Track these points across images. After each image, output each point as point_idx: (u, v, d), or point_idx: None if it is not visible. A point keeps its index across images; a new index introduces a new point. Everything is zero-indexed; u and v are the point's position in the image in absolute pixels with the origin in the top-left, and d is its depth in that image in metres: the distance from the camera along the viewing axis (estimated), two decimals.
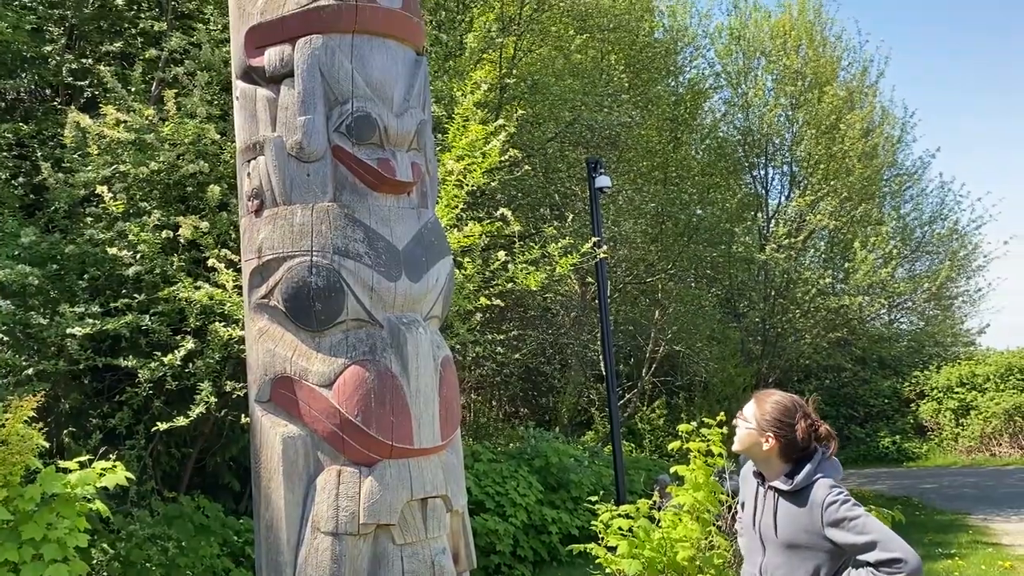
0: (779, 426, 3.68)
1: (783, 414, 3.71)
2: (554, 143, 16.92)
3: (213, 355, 7.56)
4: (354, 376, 4.25)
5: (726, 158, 24.04)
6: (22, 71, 9.53)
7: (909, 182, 27.57)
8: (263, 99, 4.62)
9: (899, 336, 28.94)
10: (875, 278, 23.38)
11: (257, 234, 4.52)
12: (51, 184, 7.95)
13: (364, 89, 4.54)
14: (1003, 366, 26.54)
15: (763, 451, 3.70)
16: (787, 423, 3.69)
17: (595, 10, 17.77)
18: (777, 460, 3.70)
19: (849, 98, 25.31)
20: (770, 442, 3.68)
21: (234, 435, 9.37)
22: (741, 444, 3.79)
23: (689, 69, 23.00)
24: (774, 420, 3.70)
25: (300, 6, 4.56)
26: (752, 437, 3.72)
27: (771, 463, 3.71)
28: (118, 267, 7.58)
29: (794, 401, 3.77)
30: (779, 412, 3.72)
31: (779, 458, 3.69)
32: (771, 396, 3.80)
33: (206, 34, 8.63)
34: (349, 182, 4.51)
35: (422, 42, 5.02)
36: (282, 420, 4.37)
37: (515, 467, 12.78)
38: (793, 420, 3.69)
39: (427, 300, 4.64)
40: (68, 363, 7.59)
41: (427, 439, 4.34)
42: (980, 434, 25.90)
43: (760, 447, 3.70)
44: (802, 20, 25.64)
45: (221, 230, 7.97)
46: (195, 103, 8.19)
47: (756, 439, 3.71)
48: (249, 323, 4.62)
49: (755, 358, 24.52)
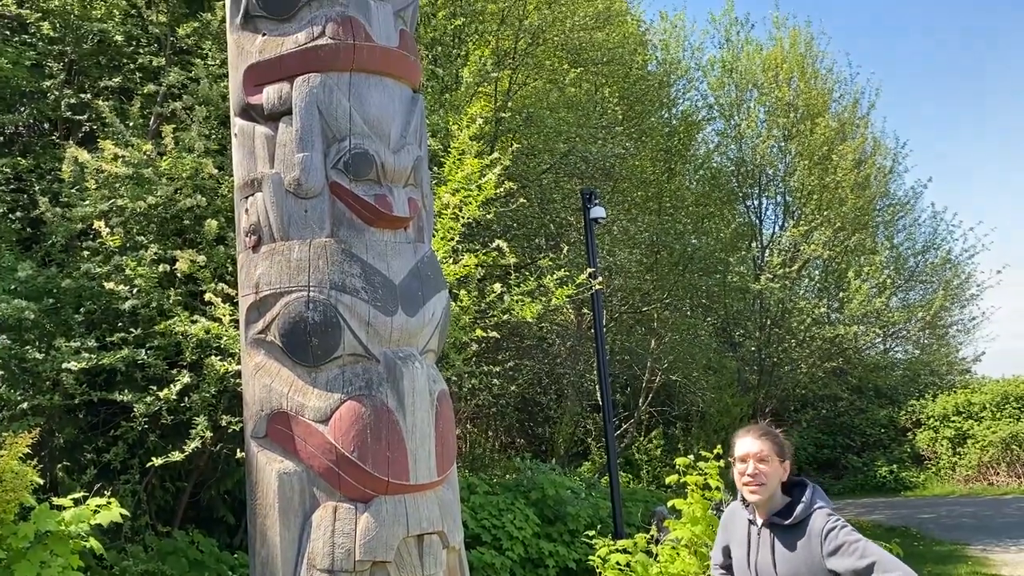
0: (790, 452, 3.71)
1: (783, 439, 3.75)
2: (549, 174, 17.05)
3: (209, 389, 7.55)
4: (350, 411, 4.25)
5: (720, 188, 24.21)
6: (21, 105, 9.60)
7: (902, 212, 27.78)
8: (261, 136, 4.67)
9: (895, 365, 28.96)
10: (869, 307, 23.46)
11: (254, 270, 4.54)
12: (48, 218, 7.98)
13: (361, 126, 4.60)
14: (999, 394, 26.53)
15: (779, 483, 3.69)
16: (789, 447, 3.73)
17: (589, 44, 17.99)
18: (779, 492, 3.70)
19: (841, 129, 25.56)
20: (787, 470, 3.68)
21: (229, 468, 9.31)
22: (772, 481, 3.67)
23: (682, 101, 23.25)
24: (787, 447, 3.71)
25: (298, 45, 4.63)
26: (777, 471, 3.68)
27: (775, 496, 3.70)
28: (114, 301, 7.59)
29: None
30: (782, 438, 3.75)
31: (779, 490, 3.70)
32: (766, 428, 3.82)
33: (204, 69, 8.72)
34: (346, 218, 4.55)
35: (418, 80, 5.09)
36: (278, 456, 4.37)
37: (511, 499, 12.71)
38: (788, 443, 3.75)
39: (423, 334, 4.66)
40: (63, 397, 7.56)
41: (423, 475, 4.33)
42: (977, 463, 25.82)
43: (779, 480, 3.69)
44: (793, 53, 25.97)
45: (218, 263, 7.99)
46: (193, 138, 8.25)
47: (780, 472, 3.68)
48: (246, 358, 4.63)
49: (751, 388, 24.50)
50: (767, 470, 3.66)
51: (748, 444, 3.73)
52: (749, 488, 3.69)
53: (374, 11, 4.75)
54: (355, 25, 4.64)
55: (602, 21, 18.26)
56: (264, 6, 4.70)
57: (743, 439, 3.77)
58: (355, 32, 4.63)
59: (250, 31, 4.79)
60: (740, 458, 3.73)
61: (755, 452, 3.68)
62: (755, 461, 3.67)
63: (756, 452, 3.68)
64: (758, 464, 3.66)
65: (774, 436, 3.73)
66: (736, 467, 3.77)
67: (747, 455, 3.70)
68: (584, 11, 17.58)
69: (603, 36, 18.42)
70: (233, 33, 4.90)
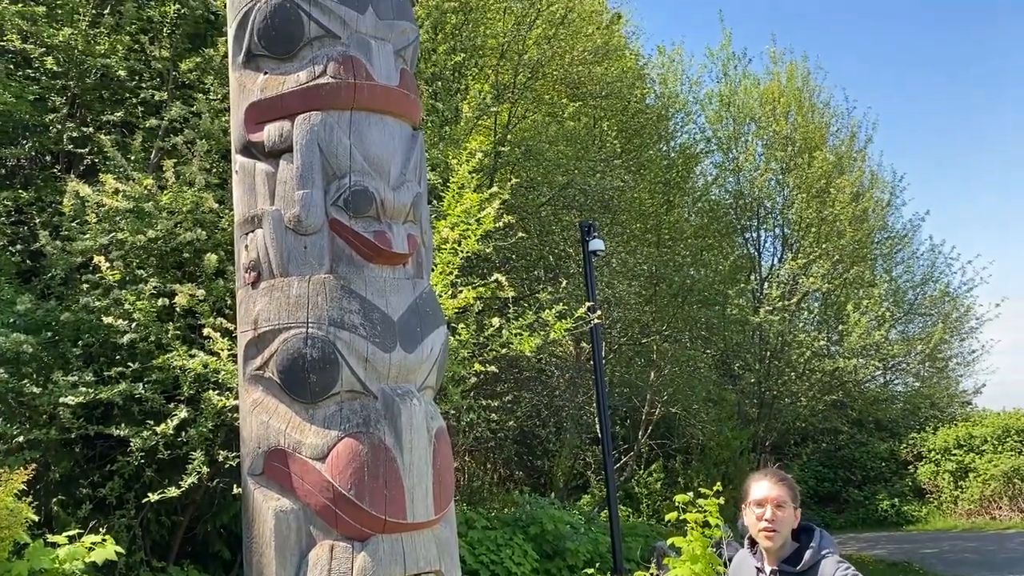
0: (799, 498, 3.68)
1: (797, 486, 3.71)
2: (548, 206, 17.12)
3: (206, 424, 7.51)
4: (347, 449, 4.24)
5: (718, 221, 24.29)
6: (23, 139, 9.65)
7: (900, 245, 27.84)
8: (262, 173, 4.71)
9: (895, 398, 28.85)
10: (869, 340, 23.44)
11: (253, 306, 4.55)
12: (49, 251, 7.99)
13: (362, 164, 4.63)
14: (1000, 427, 26.40)
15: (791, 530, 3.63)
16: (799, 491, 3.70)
17: (588, 78, 18.15)
18: (789, 539, 3.65)
19: (839, 163, 25.71)
20: (798, 517, 3.64)
21: (226, 502, 9.22)
22: (786, 527, 3.61)
23: (680, 134, 23.39)
24: (799, 493, 3.67)
25: (300, 84, 4.68)
26: (791, 518, 3.62)
27: (786, 543, 3.63)
28: (113, 335, 7.57)
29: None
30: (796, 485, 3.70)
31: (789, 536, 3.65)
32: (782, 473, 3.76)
33: (206, 104, 8.78)
34: (346, 254, 4.57)
35: (418, 117, 5.14)
36: (275, 493, 4.35)
37: (510, 534, 12.60)
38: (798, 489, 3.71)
39: (422, 370, 4.66)
40: (60, 431, 7.52)
41: (420, 513, 4.31)
42: (979, 497, 25.63)
43: (792, 527, 3.63)
44: (791, 87, 26.20)
45: (217, 297, 7.99)
46: (194, 172, 8.29)
47: (793, 519, 3.63)
48: (244, 394, 4.62)
49: (752, 421, 24.39)
50: (783, 516, 3.60)
51: (766, 489, 3.65)
52: (765, 533, 3.61)
53: (375, 50, 4.81)
54: (356, 64, 4.69)
55: (601, 55, 18.44)
56: (266, 46, 4.77)
57: (761, 483, 3.70)
58: (356, 71, 4.68)
59: (252, 70, 4.85)
60: (758, 502, 3.65)
61: (774, 497, 3.62)
62: (773, 506, 3.61)
63: (775, 497, 3.62)
64: (776, 509, 3.60)
65: (790, 482, 3.68)
66: (752, 511, 3.68)
67: (766, 499, 3.63)
68: (583, 46, 17.78)
69: (602, 70, 18.60)
70: (235, 71, 4.96)
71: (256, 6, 4.78)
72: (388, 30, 4.93)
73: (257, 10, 4.77)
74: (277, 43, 4.74)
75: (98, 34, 9.05)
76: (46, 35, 8.73)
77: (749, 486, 3.75)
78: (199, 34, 9.89)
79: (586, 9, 18.41)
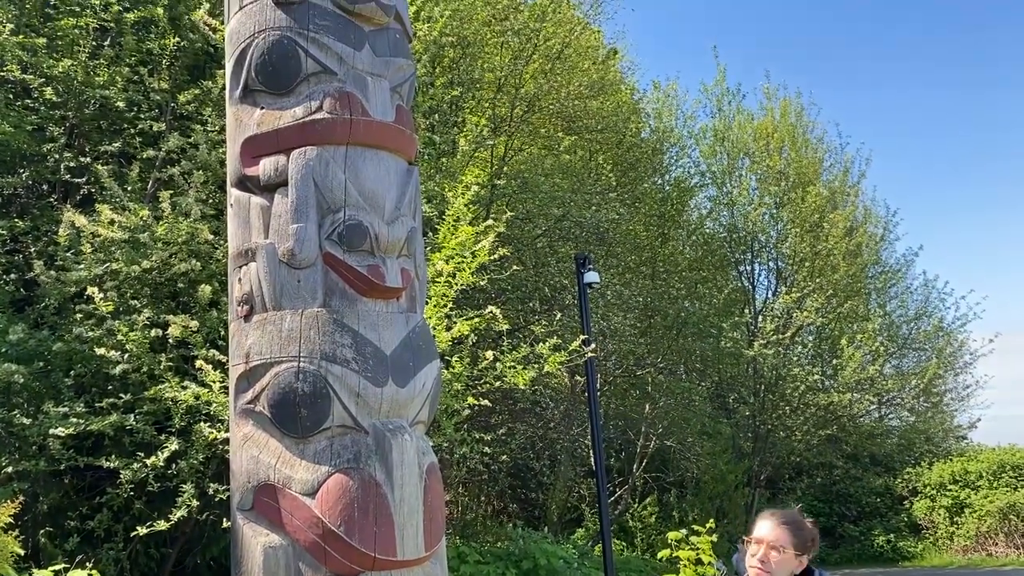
0: (811, 546, 3.55)
1: (809, 533, 3.57)
2: (544, 238, 17.18)
3: (197, 456, 7.47)
4: (337, 485, 4.21)
5: (713, 254, 24.38)
6: (21, 168, 9.69)
7: (893, 280, 27.93)
8: (257, 207, 4.72)
9: (889, 432, 28.77)
10: (863, 375, 23.43)
11: (245, 339, 4.54)
12: (43, 281, 8.00)
13: (357, 198, 4.65)
14: (995, 463, 26.32)
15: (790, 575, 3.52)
16: (813, 540, 3.57)
17: (583, 112, 18.32)
18: None
19: (832, 198, 25.88)
20: (802, 564, 3.53)
21: (215, 535, 9.15)
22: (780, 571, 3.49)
23: (675, 168, 23.57)
24: (810, 541, 3.55)
25: (296, 119, 4.71)
26: (789, 563, 3.51)
27: None
28: (105, 365, 7.55)
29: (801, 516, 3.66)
30: (805, 531, 3.57)
31: None
32: (794, 516, 3.64)
33: (203, 135, 8.84)
34: (339, 288, 4.57)
35: (414, 153, 5.17)
36: (264, 529, 4.31)
37: (502, 569, 12.46)
38: (813, 536, 3.58)
39: (413, 405, 4.64)
40: (49, 462, 7.47)
41: (411, 550, 4.27)
42: (975, 533, 25.48)
43: (790, 572, 3.52)
44: (784, 123, 26.43)
45: (211, 328, 7.98)
46: (190, 203, 8.33)
47: (792, 565, 3.52)
48: (234, 428, 4.59)
49: (746, 455, 24.29)
50: (778, 559, 3.50)
51: (765, 529, 3.58)
52: (754, 572, 3.54)
53: (371, 87, 4.85)
54: (352, 100, 4.73)
55: (597, 90, 18.63)
56: (263, 81, 4.80)
57: (763, 521, 3.62)
58: (352, 107, 4.71)
59: (249, 104, 4.87)
60: (755, 540, 3.58)
61: (770, 539, 3.53)
62: (767, 547, 3.53)
63: (772, 539, 3.53)
64: (770, 551, 3.51)
65: (797, 527, 3.56)
66: (749, 547, 3.61)
67: (762, 540, 3.55)
68: (579, 80, 17.96)
69: (598, 104, 18.78)
70: (232, 106, 4.99)
71: (254, 42, 4.82)
72: (385, 67, 4.97)
73: (255, 46, 4.81)
74: (274, 79, 4.78)
75: (98, 65, 9.13)
76: (46, 66, 8.80)
77: (755, 522, 3.69)
78: (198, 66, 9.98)
79: (582, 45, 18.63)
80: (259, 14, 4.85)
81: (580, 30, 18.25)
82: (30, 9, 9.19)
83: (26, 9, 9.14)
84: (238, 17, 4.95)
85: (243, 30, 4.89)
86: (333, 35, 4.80)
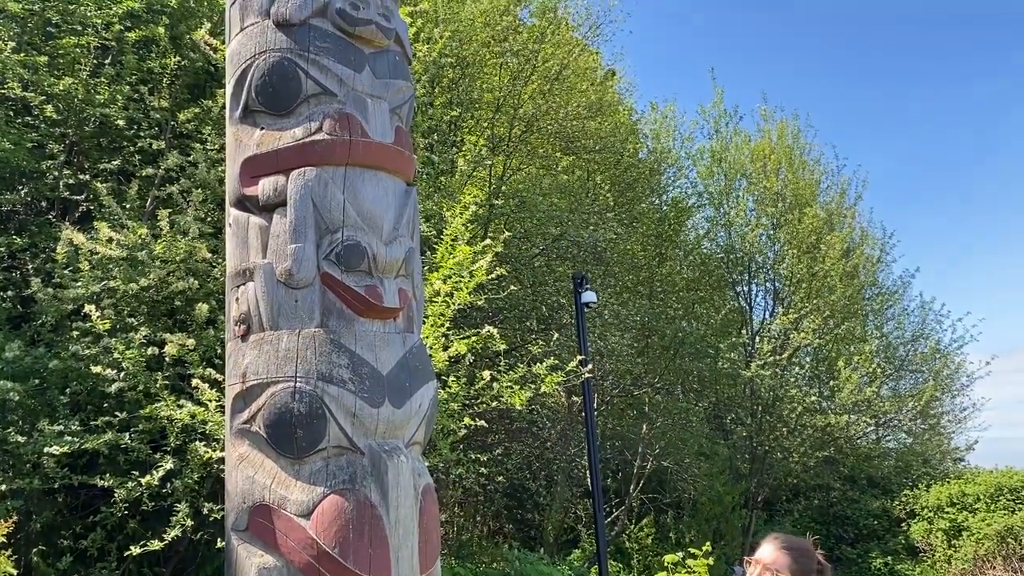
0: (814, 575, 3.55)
1: (813, 561, 3.55)
2: (541, 258, 17.22)
3: (192, 475, 7.44)
4: (332, 506, 4.19)
5: (710, 274, 24.43)
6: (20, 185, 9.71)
7: (890, 301, 27.97)
8: (255, 227, 4.73)
9: (887, 454, 28.71)
10: (860, 396, 23.41)
11: (242, 359, 4.54)
12: (40, 298, 7.99)
13: (355, 219, 4.67)
14: (993, 486, 26.24)
15: None
16: (820, 572, 3.55)
17: (582, 132, 18.42)
18: None
19: (829, 219, 25.95)
20: None
21: (210, 555, 9.09)
22: None
23: (672, 188, 23.67)
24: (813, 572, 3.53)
25: (296, 140, 4.73)
26: None
27: None
28: (101, 383, 7.53)
29: (810, 545, 3.64)
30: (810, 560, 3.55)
31: None
32: (797, 543, 3.64)
33: (203, 153, 8.87)
34: (336, 308, 4.58)
35: (412, 174, 5.20)
36: (258, 550, 4.29)
37: None
38: (819, 567, 3.56)
39: (410, 426, 4.63)
40: (43, 481, 7.43)
41: (406, 572, 4.25)
42: (973, 556, 25.35)
43: None
44: (781, 144, 26.56)
45: (207, 346, 7.97)
46: (188, 221, 8.34)
47: None
48: (230, 448, 4.58)
49: (743, 476, 24.20)
50: None
51: (766, 551, 3.59)
52: None
53: (371, 108, 4.88)
54: (352, 121, 4.76)
55: (595, 111, 18.75)
56: (263, 102, 4.83)
57: (766, 544, 3.64)
58: (351, 128, 4.74)
59: (249, 125, 4.90)
60: (754, 560, 3.59)
61: (767, 561, 3.54)
62: (763, 568, 3.53)
63: (768, 562, 3.54)
64: (764, 573, 3.52)
65: (800, 554, 3.56)
66: (748, 568, 3.62)
67: (758, 561, 3.56)
68: (577, 101, 18.08)
69: (596, 125, 18.88)
70: (232, 126, 5.02)
71: (255, 63, 4.86)
72: (384, 88, 5.01)
73: (256, 67, 4.85)
74: (274, 99, 4.81)
75: (98, 84, 9.17)
76: (47, 84, 8.84)
77: (759, 541, 3.70)
78: (198, 85, 10.03)
79: (581, 66, 18.76)
80: (260, 35, 4.90)
81: (579, 51, 18.39)
82: (32, 28, 9.24)
83: (28, 28, 9.19)
84: (239, 38, 4.99)
85: (244, 51, 4.93)
86: (333, 57, 4.84)
